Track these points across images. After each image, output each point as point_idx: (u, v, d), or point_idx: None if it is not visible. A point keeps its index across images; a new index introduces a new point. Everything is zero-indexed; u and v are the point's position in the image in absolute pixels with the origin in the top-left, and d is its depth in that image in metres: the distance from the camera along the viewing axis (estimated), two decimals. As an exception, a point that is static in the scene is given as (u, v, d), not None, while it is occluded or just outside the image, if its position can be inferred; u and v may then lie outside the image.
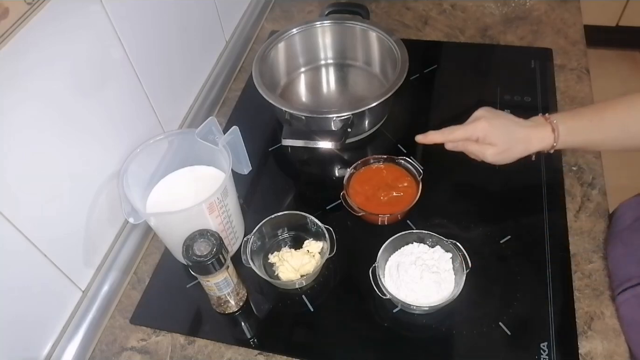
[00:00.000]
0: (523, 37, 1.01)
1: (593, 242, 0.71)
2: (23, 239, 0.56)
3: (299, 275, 0.69)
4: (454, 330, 0.64)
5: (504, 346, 0.63)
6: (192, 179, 0.73)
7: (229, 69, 0.99)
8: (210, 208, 0.63)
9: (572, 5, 1.07)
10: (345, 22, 0.94)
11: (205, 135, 0.67)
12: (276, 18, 1.14)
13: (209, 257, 0.58)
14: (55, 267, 0.62)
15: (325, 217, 0.73)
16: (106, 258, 0.72)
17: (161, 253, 0.77)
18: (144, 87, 0.75)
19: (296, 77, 0.98)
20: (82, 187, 0.66)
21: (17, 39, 0.50)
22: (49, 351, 0.64)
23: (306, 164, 0.87)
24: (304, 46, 0.96)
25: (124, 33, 0.68)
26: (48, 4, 0.53)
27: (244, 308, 0.69)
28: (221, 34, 0.99)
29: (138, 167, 0.68)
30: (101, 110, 0.67)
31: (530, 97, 0.89)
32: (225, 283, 0.63)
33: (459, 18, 1.08)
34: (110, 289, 0.71)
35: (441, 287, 0.65)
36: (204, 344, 0.67)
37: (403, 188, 0.75)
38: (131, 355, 0.67)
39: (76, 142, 0.63)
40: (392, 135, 0.88)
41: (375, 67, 0.97)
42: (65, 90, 0.59)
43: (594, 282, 0.67)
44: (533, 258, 0.70)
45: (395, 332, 0.65)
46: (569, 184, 0.78)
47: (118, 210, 0.68)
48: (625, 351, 0.62)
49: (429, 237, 0.69)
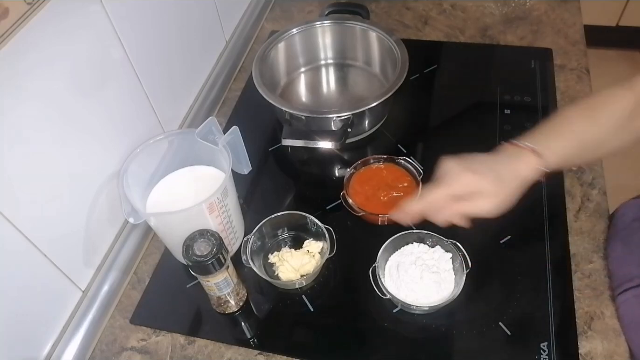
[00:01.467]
0: (523, 37, 1.01)
1: (593, 242, 0.71)
2: (23, 239, 0.56)
3: (299, 275, 0.69)
4: (454, 330, 0.64)
5: (504, 346, 0.63)
6: (192, 179, 0.73)
7: (229, 69, 0.99)
8: (210, 208, 0.63)
9: (572, 5, 1.07)
10: (345, 22, 0.94)
11: (205, 135, 0.67)
12: (276, 18, 1.14)
13: (209, 257, 0.58)
14: (55, 267, 0.62)
15: (325, 217, 0.73)
16: (106, 258, 0.72)
17: (161, 253, 0.77)
18: (144, 87, 0.75)
19: (296, 77, 0.98)
20: (82, 187, 0.66)
21: (17, 39, 0.50)
22: (49, 351, 0.64)
23: (306, 164, 0.87)
24: (304, 46, 0.96)
25: (124, 33, 0.68)
26: (48, 4, 0.53)
27: (244, 308, 0.69)
28: (221, 34, 0.99)
29: (138, 167, 0.68)
30: (101, 110, 0.67)
31: (530, 97, 0.89)
32: (225, 283, 0.63)
33: (459, 18, 1.08)
34: (110, 289, 0.71)
35: (441, 287, 0.65)
36: (204, 344, 0.67)
37: (403, 188, 0.75)
38: (131, 355, 0.67)
39: (76, 142, 0.63)
40: (392, 135, 0.88)
41: (375, 67, 0.97)
42: (65, 90, 0.59)
43: (594, 282, 0.67)
44: (533, 258, 0.70)
45: (395, 332, 0.65)
46: (569, 184, 0.78)
47: (118, 210, 0.68)
48: (625, 351, 0.62)
49: (429, 237, 0.69)
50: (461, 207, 0.59)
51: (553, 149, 0.59)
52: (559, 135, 0.60)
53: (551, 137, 0.60)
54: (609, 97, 0.61)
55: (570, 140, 0.60)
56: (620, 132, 0.60)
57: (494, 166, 0.59)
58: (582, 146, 0.61)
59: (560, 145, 0.60)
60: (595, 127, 0.60)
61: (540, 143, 0.59)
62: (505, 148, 0.61)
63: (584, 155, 0.64)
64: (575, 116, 0.61)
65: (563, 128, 0.61)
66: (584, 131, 0.60)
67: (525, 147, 0.59)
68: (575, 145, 0.60)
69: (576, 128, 0.60)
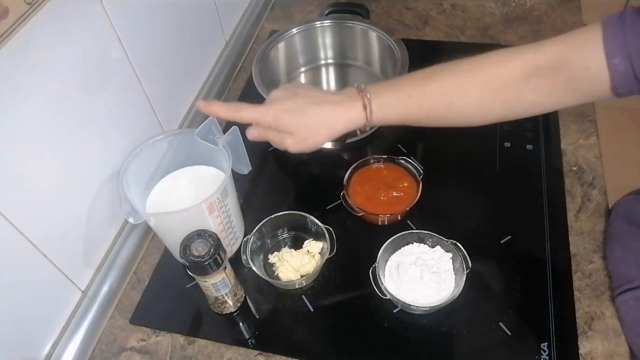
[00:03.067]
0: (523, 37, 1.01)
1: (593, 242, 0.71)
2: (23, 239, 0.56)
3: (299, 275, 0.69)
4: (454, 330, 0.64)
5: (504, 346, 0.63)
6: (192, 179, 0.73)
7: (229, 68, 0.99)
8: (210, 208, 0.63)
9: (572, 5, 1.07)
10: (345, 22, 0.94)
11: (205, 135, 0.67)
12: (276, 18, 1.14)
13: (206, 258, 0.58)
14: (55, 267, 0.62)
15: (325, 217, 0.73)
16: (106, 258, 0.72)
17: (161, 253, 0.77)
18: (144, 87, 0.75)
19: (296, 76, 0.98)
20: (82, 187, 0.66)
21: (17, 39, 0.50)
22: (48, 351, 0.64)
23: (306, 164, 0.87)
24: (304, 46, 0.96)
25: (124, 33, 0.68)
26: (48, 4, 0.53)
27: (244, 308, 0.69)
28: (221, 34, 0.99)
29: (138, 167, 0.68)
30: (101, 110, 0.66)
31: (531, 97, 0.89)
32: (222, 284, 0.63)
33: (459, 18, 1.08)
34: (110, 289, 0.71)
35: (441, 287, 0.65)
36: (204, 344, 0.67)
37: (403, 188, 0.75)
38: (131, 356, 0.67)
39: (76, 142, 0.63)
40: (392, 135, 0.88)
41: (375, 67, 0.97)
42: (65, 90, 0.59)
43: (594, 282, 0.67)
44: (533, 258, 0.70)
45: (395, 332, 0.65)
46: (569, 184, 0.78)
47: (118, 210, 0.68)
48: (626, 351, 0.62)
49: (429, 237, 0.69)
50: (270, 134, 0.61)
51: (385, 104, 0.58)
52: (402, 90, 0.58)
53: (394, 90, 0.58)
54: (498, 62, 0.57)
55: (415, 106, 0.58)
56: (496, 105, 0.58)
57: (310, 110, 0.59)
58: (423, 115, 0.59)
59: (400, 110, 0.58)
60: (462, 98, 0.58)
61: (378, 95, 0.58)
62: (348, 89, 0.60)
63: (419, 122, 0.61)
64: (437, 80, 0.58)
65: (415, 88, 0.58)
66: (445, 99, 0.58)
67: (361, 93, 0.58)
68: (416, 109, 0.58)
69: (431, 90, 0.58)
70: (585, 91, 0.55)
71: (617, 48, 0.50)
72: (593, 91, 0.54)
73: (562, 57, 0.53)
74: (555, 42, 0.54)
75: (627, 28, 0.50)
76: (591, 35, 0.52)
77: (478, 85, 0.57)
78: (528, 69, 0.55)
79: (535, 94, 0.56)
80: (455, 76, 0.58)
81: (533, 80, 0.55)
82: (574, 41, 0.53)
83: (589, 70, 0.52)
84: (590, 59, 0.52)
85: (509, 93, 0.57)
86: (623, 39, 0.50)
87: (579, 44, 0.53)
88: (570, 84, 0.54)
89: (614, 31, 0.50)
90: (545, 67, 0.54)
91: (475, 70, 0.58)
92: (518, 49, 0.57)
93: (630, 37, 0.49)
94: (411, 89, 0.58)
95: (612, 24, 0.51)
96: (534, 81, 0.55)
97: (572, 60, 0.53)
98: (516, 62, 0.56)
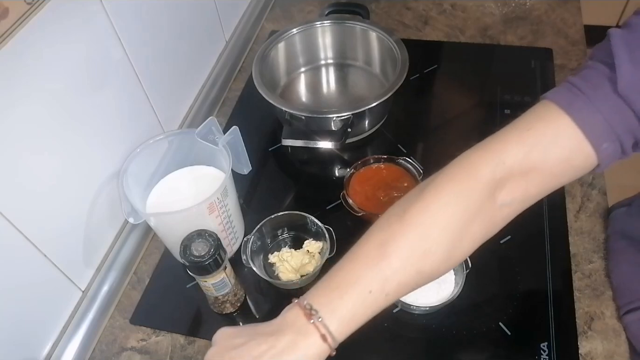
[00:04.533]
0: (523, 37, 1.01)
1: (593, 242, 0.71)
2: (23, 239, 0.56)
3: (299, 275, 0.69)
4: (454, 330, 0.64)
5: (504, 346, 0.63)
6: (192, 179, 0.73)
7: (229, 69, 0.99)
8: (210, 208, 0.63)
9: (572, 5, 1.07)
10: (345, 22, 0.94)
11: (205, 135, 0.67)
12: (276, 18, 1.14)
13: (206, 258, 0.58)
14: (55, 267, 0.62)
15: (325, 217, 0.73)
16: (106, 258, 0.72)
17: (161, 253, 0.77)
18: (144, 87, 0.75)
19: (296, 77, 0.98)
20: (82, 187, 0.66)
21: (17, 39, 0.50)
22: (49, 351, 0.64)
23: (306, 164, 0.87)
24: (304, 46, 0.96)
25: (124, 33, 0.68)
26: (48, 4, 0.53)
27: (244, 308, 0.69)
28: (221, 34, 0.99)
29: (138, 167, 0.68)
30: (101, 110, 0.66)
31: (530, 97, 0.89)
32: (222, 284, 0.63)
33: (459, 18, 1.08)
34: (110, 289, 0.71)
35: (441, 287, 0.65)
36: (204, 344, 0.67)
37: (403, 188, 0.75)
38: (131, 355, 0.67)
39: (76, 142, 0.63)
40: (392, 135, 0.88)
41: (375, 67, 0.97)
42: (65, 90, 0.59)
43: (594, 282, 0.67)
44: (533, 258, 0.70)
45: (395, 332, 0.65)
46: (569, 184, 0.77)
47: (118, 210, 0.68)
48: (626, 351, 0.62)
49: (429, 237, 0.69)
50: None
51: (351, 322, 0.46)
52: (363, 296, 0.46)
53: (349, 301, 0.46)
54: (456, 197, 0.47)
55: (380, 299, 0.46)
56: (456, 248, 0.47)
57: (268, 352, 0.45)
58: (397, 294, 0.48)
59: (364, 312, 0.46)
60: (430, 258, 0.46)
61: (330, 313, 0.45)
62: (292, 318, 0.47)
63: (398, 298, 0.49)
64: (392, 248, 0.46)
65: (373, 280, 0.46)
66: (411, 271, 0.46)
67: (314, 329, 0.45)
68: (385, 300, 0.47)
69: (397, 273, 0.46)
70: (567, 178, 0.48)
71: (602, 133, 0.44)
72: (573, 176, 0.48)
73: (531, 160, 0.46)
74: (518, 142, 0.46)
75: (597, 102, 0.44)
76: (556, 124, 0.45)
77: (441, 235, 0.46)
78: (490, 190, 0.46)
79: (508, 208, 0.48)
80: (412, 235, 0.46)
81: (501, 197, 0.47)
82: (538, 140, 0.46)
83: (570, 162, 0.46)
84: (569, 150, 0.45)
85: (478, 224, 0.47)
86: (603, 120, 0.44)
87: (547, 140, 0.46)
88: (546, 181, 0.47)
89: (585, 113, 0.44)
90: (512, 177, 0.46)
91: (432, 217, 0.47)
92: (470, 167, 0.47)
93: (607, 115, 0.44)
94: (366, 281, 0.45)
95: (574, 102, 0.45)
96: (502, 197, 0.47)
97: (547, 158, 0.46)
98: (475, 188, 0.46)
